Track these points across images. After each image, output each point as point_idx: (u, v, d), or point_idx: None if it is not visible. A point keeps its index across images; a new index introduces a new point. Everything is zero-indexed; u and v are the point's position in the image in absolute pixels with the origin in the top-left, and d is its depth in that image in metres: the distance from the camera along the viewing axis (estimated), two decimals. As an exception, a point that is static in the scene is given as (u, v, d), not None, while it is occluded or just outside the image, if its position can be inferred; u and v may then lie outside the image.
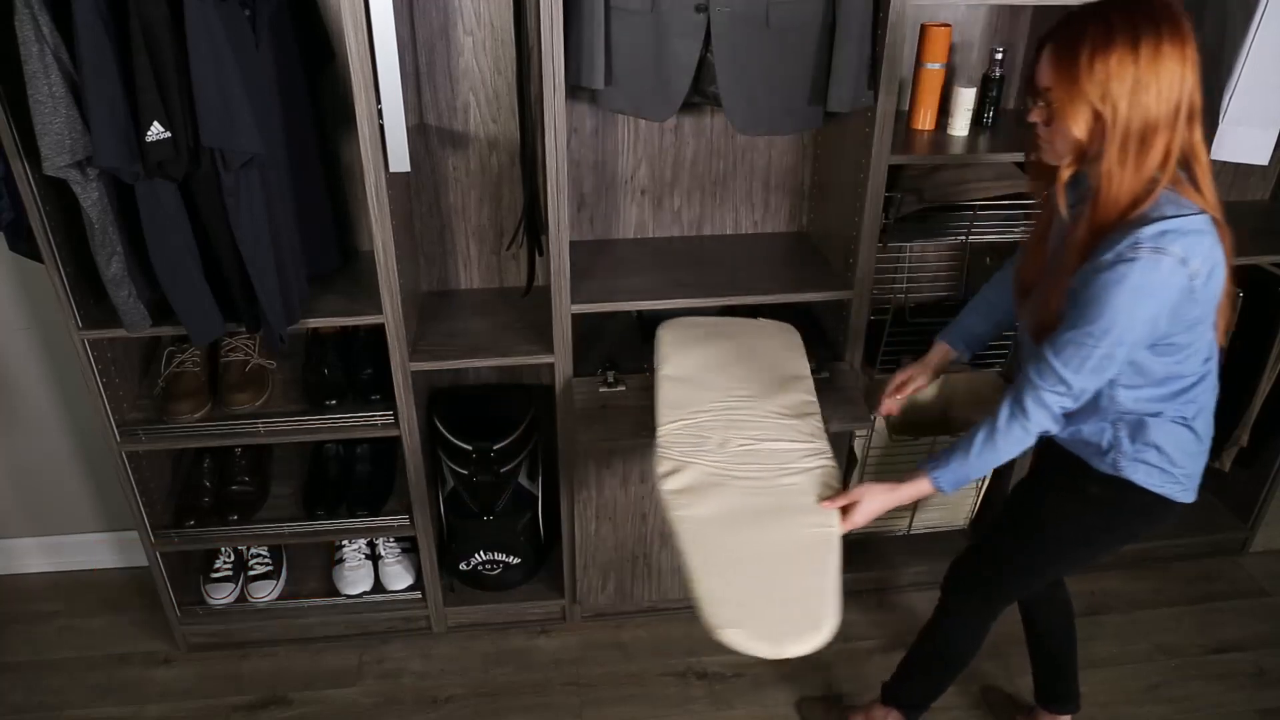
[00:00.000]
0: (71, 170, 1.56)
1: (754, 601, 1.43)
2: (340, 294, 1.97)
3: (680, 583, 2.29)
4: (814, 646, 1.37)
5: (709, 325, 2.04)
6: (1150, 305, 1.30)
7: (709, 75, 1.80)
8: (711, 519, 1.54)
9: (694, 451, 1.67)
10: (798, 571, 1.47)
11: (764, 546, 1.50)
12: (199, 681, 2.22)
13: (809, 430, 1.74)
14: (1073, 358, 1.35)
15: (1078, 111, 1.29)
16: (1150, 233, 1.27)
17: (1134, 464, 1.49)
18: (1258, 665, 2.30)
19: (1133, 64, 1.24)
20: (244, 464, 2.23)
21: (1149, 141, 1.28)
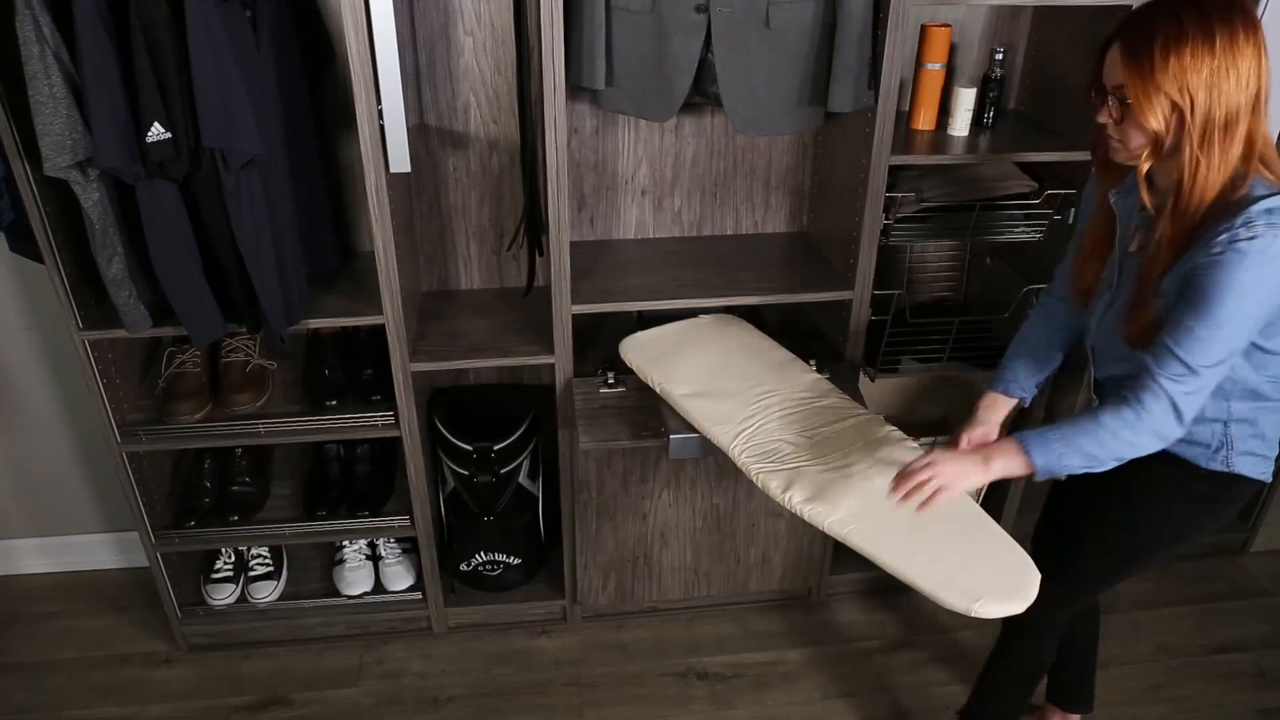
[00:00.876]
0: (72, 171, 1.56)
1: (972, 569, 1.46)
2: (341, 294, 1.97)
3: (680, 583, 2.29)
4: (1038, 585, 1.44)
5: (668, 335, 2.03)
6: (1273, 281, 1.28)
7: (709, 75, 1.80)
8: (865, 514, 1.54)
9: (784, 458, 1.67)
10: (972, 530, 1.53)
11: (928, 520, 1.49)
12: (200, 682, 2.22)
13: (845, 404, 1.79)
14: (1195, 346, 1.31)
15: (1154, 106, 1.28)
16: (1259, 210, 1.27)
17: (1243, 457, 1.48)
18: (1259, 665, 2.30)
19: (1209, 55, 1.25)
20: (244, 464, 2.23)
21: (1231, 130, 1.28)
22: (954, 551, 1.49)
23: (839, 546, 2.37)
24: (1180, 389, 1.33)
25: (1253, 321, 1.31)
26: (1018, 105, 2.22)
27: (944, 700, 2.19)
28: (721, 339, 2.01)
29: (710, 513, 2.18)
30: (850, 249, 2.01)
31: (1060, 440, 1.41)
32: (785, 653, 2.32)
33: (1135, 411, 1.36)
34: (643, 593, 2.31)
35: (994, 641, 1.88)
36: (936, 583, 1.43)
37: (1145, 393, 1.35)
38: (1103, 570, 1.69)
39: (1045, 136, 2.05)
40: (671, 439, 1.79)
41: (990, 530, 1.54)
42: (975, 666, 2.25)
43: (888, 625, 2.40)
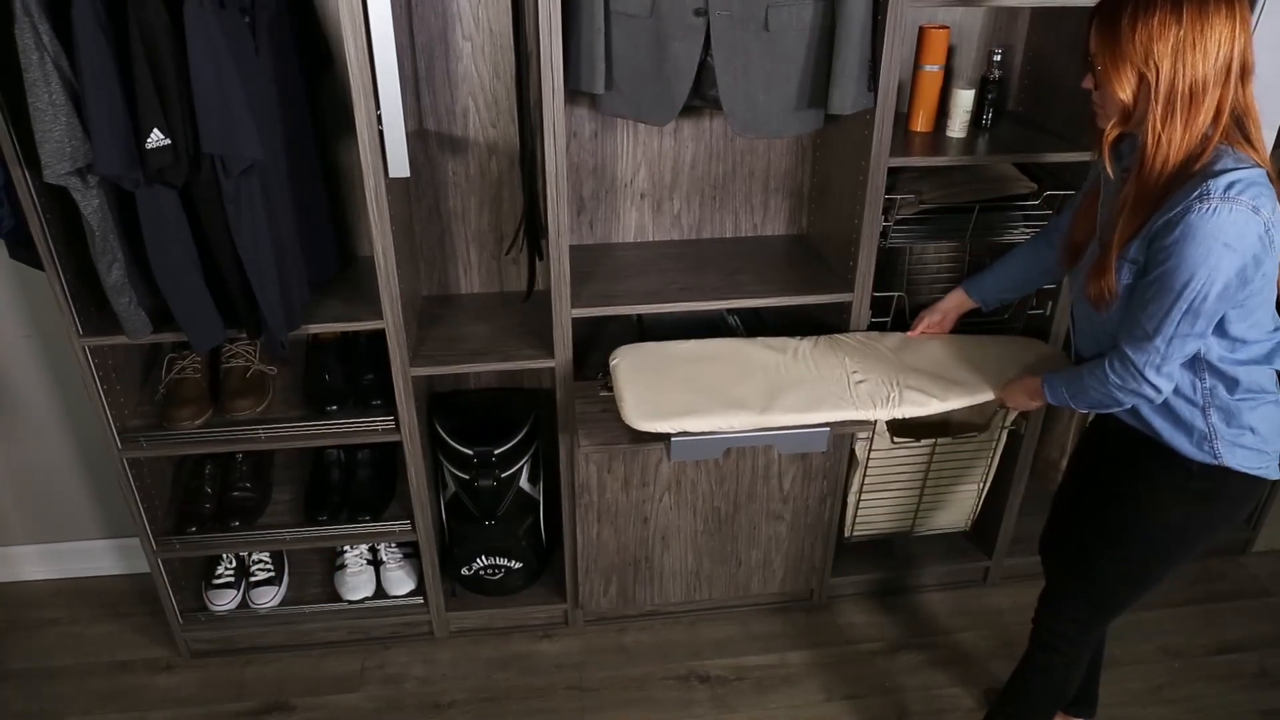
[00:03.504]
0: (72, 178, 1.56)
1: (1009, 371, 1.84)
2: (341, 299, 1.97)
3: (682, 586, 2.29)
4: None
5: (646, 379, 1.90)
6: (1230, 255, 1.29)
7: (709, 79, 1.80)
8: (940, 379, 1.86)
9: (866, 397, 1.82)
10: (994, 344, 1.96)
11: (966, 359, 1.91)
12: (201, 688, 2.22)
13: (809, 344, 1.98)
14: (1159, 315, 1.35)
15: (1121, 74, 1.31)
16: (1219, 184, 1.28)
17: (1232, 449, 1.48)
18: (1261, 666, 2.30)
19: (1176, 25, 1.26)
20: (245, 470, 2.23)
21: (1197, 101, 1.29)
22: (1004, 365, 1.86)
23: (840, 548, 2.38)
24: (1144, 359, 1.40)
25: (1215, 289, 1.31)
26: (1016, 106, 2.22)
27: (946, 702, 2.19)
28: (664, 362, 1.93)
29: (711, 516, 2.18)
30: (850, 251, 2.01)
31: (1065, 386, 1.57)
32: (787, 655, 2.31)
33: (1114, 372, 1.45)
34: (644, 596, 2.31)
35: (1021, 660, 1.84)
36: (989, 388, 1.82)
37: (1115, 359, 1.44)
38: (1121, 584, 1.67)
39: (1044, 137, 2.05)
40: (673, 442, 1.79)
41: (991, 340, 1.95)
42: (977, 668, 2.26)
43: (889, 627, 2.40)
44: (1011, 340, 2.04)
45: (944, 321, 1.98)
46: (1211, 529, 1.59)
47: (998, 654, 2.29)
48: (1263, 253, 1.31)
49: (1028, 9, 2.10)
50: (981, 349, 1.97)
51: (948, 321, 1.99)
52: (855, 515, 2.37)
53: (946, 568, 2.50)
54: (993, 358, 1.93)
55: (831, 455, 2.12)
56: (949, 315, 1.98)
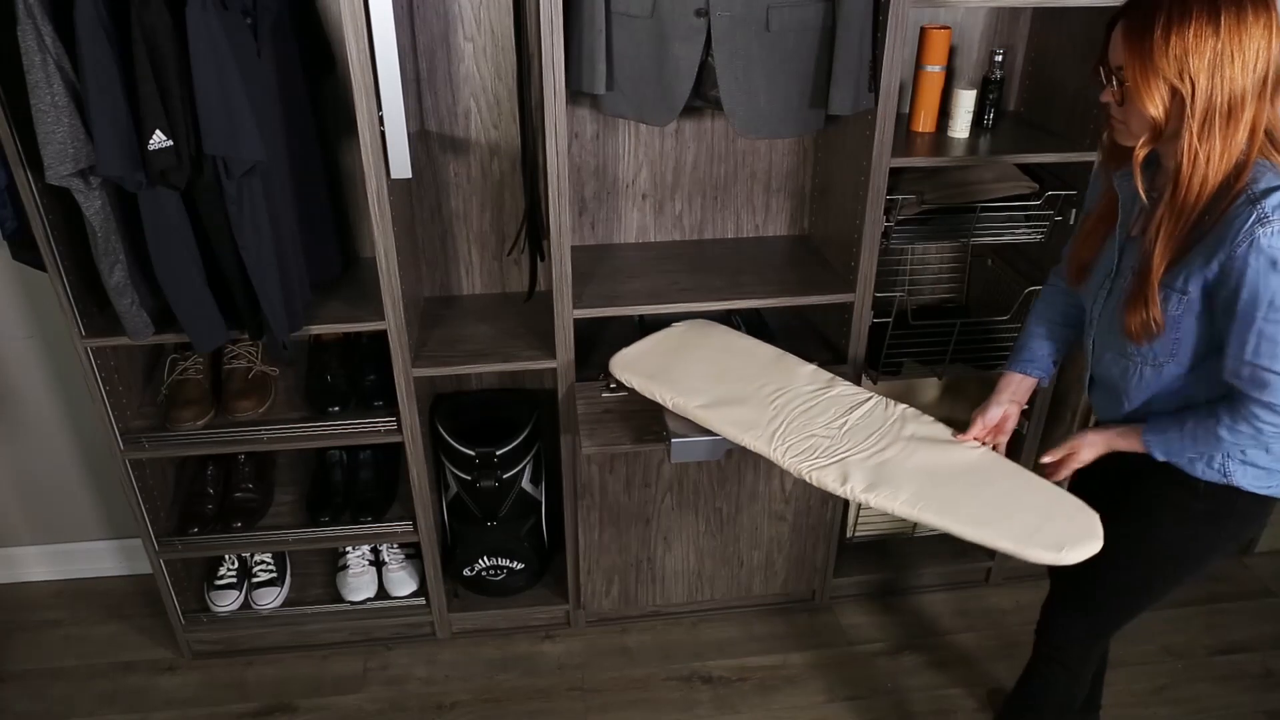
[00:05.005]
0: (74, 179, 1.57)
1: (1043, 521, 1.49)
2: (342, 300, 1.98)
3: (684, 587, 2.29)
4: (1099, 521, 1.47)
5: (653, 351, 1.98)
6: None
7: (710, 79, 1.80)
8: (927, 492, 1.56)
9: (825, 453, 1.66)
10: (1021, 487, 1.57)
11: (988, 486, 1.57)
12: (204, 689, 2.22)
13: (852, 391, 1.80)
14: (1271, 350, 1.25)
15: (1153, 89, 1.22)
16: (1273, 203, 1.21)
17: (1243, 467, 1.42)
18: (1265, 666, 2.29)
19: (1213, 36, 1.18)
20: (247, 471, 2.23)
21: (1235, 116, 1.22)
22: (1018, 509, 1.52)
23: (842, 549, 2.38)
24: (1270, 416, 1.29)
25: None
26: (1018, 107, 2.22)
27: (948, 703, 2.19)
28: (707, 345, 1.99)
29: (713, 516, 2.18)
30: (851, 251, 2.01)
31: (1180, 443, 1.42)
32: (789, 656, 2.31)
33: (1254, 428, 1.32)
34: (646, 597, 2.31)
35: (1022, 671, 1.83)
36: (1016, 541, 1.46)
37: (1258, 407, 1.30)
38: (1124, 599, 1.64)
39: (1045, 138, 2.05)
40: (673, 443, 1.79)
41: (1036, 482, 1.56)
42: (979, 669, 2.26)
43: (891, 628, 2.40)
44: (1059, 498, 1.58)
45: (1005, 424, 1.68)
46: (1216, 548, 1.55)
47: (1000, 655, 2.29)
48: None
49: (1029, 9, 2.10)
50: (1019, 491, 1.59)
51: (1010, 421, 1.69)
52: (857, 516, 2.37)
53: (948, 568, 2.50)
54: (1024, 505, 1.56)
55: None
56: (1011, 413, 1.68)
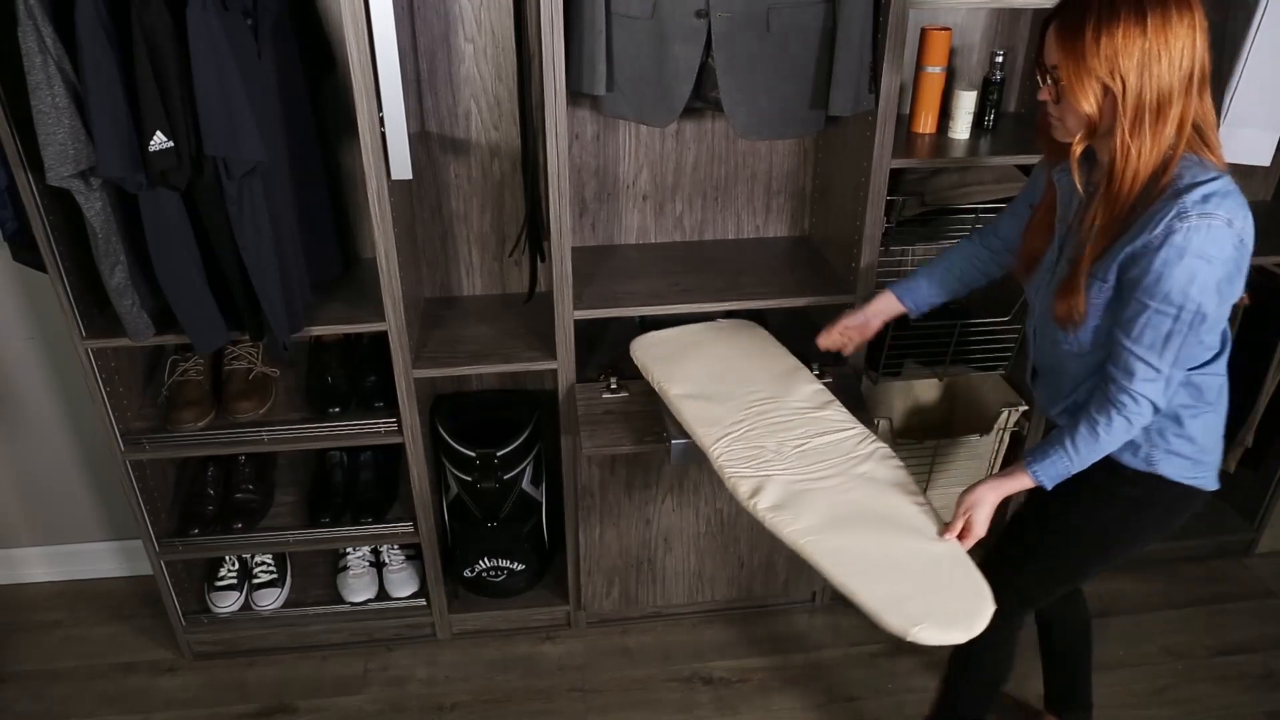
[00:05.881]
0: (75, 180, 1.57)
1: (921, 595, 1.43)
2: (343, 301, 1.98)
3: (684, 588, 2.29)
4: (989, 617, 1.41)
5: (680, 337, 2.03)
6: (1214, 271, 1.27)
7: (710, 80, 1.80)
8: (826, 528, 1.53)
9: (760, 464, 1.66)
10: (935, 555, 1.50)
11: (892, 541, 1.51)
12: (204, 690, 2.22)
13: (840, 417, 1.77)
14: (1153, 340, 1.32)
15: (1086, 87, 1.27)
16: (1194, 198, 1.26)
17: (1168, 456, 1.47)
18: (1265, 667, 2.29)
19: (1141, 36, 1.23)
20: (248, 472, 2.23)
21: (1164, 112, 1.27)
22: (909, 575, 1.46)
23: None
24: (1152, 388, 1.36)
25: (1208, 308, 1.30)
26: (1018, 108, 2.22)
27: (949, 704, 2.19)
28: (732, 343, 2.01)
29: (714, 517, 2.18)
30: (852, 253, 2.01)
31: (1070, 458, 1.44)
32: (790, 657, 2.31)
33: (1124, 418, 1.38)
34: (647, 598, 2.31)
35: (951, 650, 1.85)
36: (880, 602, 1.41)
37: (1125, 395, 1.37)
38: (1048, 575, 1.69)
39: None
40: (673, 444, 1.79)
41: (949, 552, 1.50)
42: (981, 670, 2.25)
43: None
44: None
45: (865, 327, 1.82)
46: (1145, 534, 1.59)
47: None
48: (1240, 264, 1.30)
49: (1029, 10, 2.10)
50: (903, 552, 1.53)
51: (870, 328, 1.83)
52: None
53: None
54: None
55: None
56: (872, 321, 1.82)
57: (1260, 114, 1.90)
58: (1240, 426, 2.36)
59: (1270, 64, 1.84)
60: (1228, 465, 2.42)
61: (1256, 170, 2.37)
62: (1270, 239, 2.21)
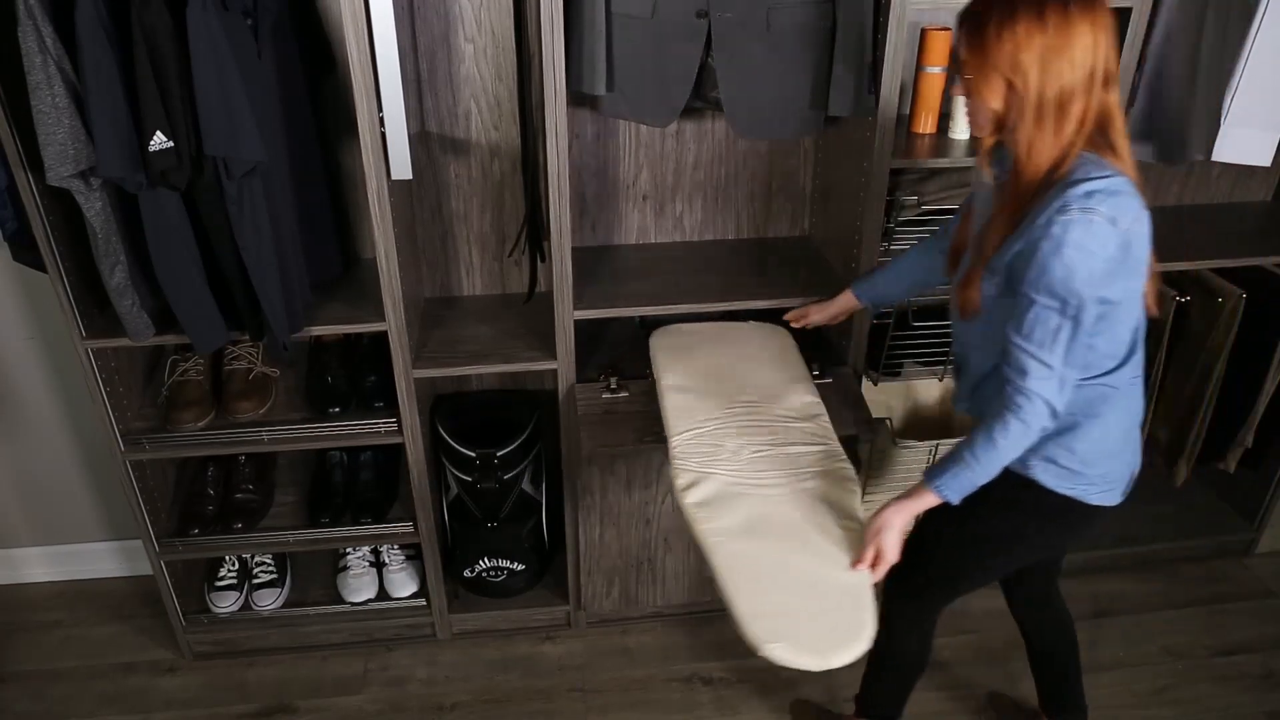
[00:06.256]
0: (75, 180, 1.57)
1: (794, 615, 1.43)
2: (343, 301, 1.98)
3: (684, 588, 2.29)
4: (856, 655, 1.39)
5: (702, 331, 2.04)
6: (1092, 264, 1.28)
7: (710, 80, 1.80)
8: (739, 532, 1.53)
9: (710, 461, 1.66)
10: (832, 580, 1.48)
11: (796, 558, 1.50)
12: (204, 690, 2.22)
13: (819, 432, 1.75)
14: (1043, 337, 1.33)
15: (990, 83, 1.30)
16: (1077, 194, 1.27)
17: (1044, 464, 1.47)
18: (1266, 667, 2.29)
19: (1041, 33, 1.25)
20: (248, 472, 2.23)
21: (1065, 108, 1.29)
22: (794, 593, 1.45)
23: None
24: (1045, 385, 1.35)
25: (1089, 298, 1.30)
26: (1018, 108, 2.21)
27: (949, 704, 2.19)
28: (748, 345, 2.00)
29: (714, 517, 2.18)
30: (852, 253, 2.01)
31: (961, 470, 1.43)
32: (790, 657, 2.31)
33: (1020, 420, 1.37)
34: (647, 598, 2.31)
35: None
36: (749, 612, 1.41)
37: (1020, 396, 1.36)
38: (941, 574, 1.70)
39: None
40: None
41: (851, 592, 1.47)
42: (978, 670, 2.26)
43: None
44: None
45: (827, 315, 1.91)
46: (1024, 539, 1.59)
47: (999, 657, 2.29)
48: (1125, 264, 1.30)
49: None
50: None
51: (827, 315, 1.91)
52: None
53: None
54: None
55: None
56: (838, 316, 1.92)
57: (1260, 114, 1.90)
58: (1240, 426, 2.36)
59: (1270, 64, 1.84)
60: (1228, 465, 2.42)
61: (1257, 170, 2.37)
62: (1270, 239, 2.22)
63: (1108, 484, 1.50)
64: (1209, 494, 2.70)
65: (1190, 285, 2.25)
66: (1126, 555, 2.54)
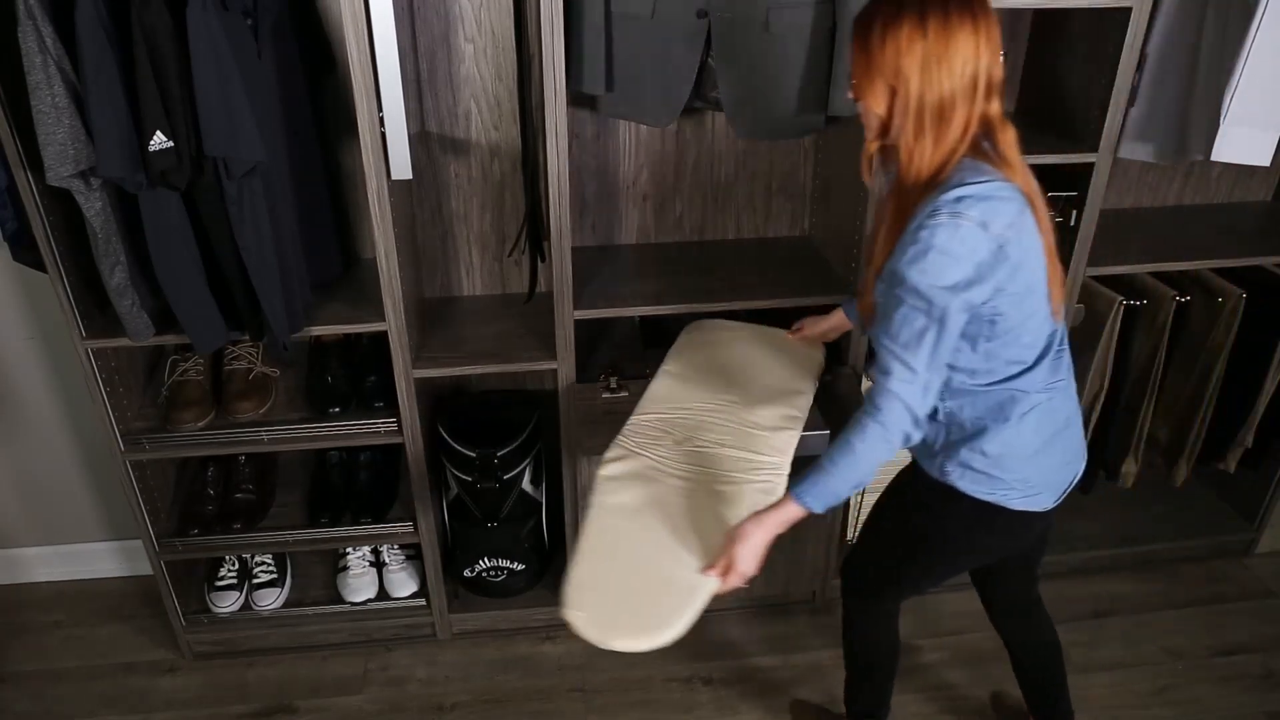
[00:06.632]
0: (75, 180, 1.57)
1: (611, 593, 1.48)
2: (343, 301, 1.98)
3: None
4: (641, 647, 1.42)
5: (735, 331, 2.03)
6: (959, 269, 1.28)
7: (710, 80, 1.80)
8: (624, 510, 1.58)
9: (648, 444, 1.70)
10: (671, 576, 1.48)
11: (654, 548, 1.52)
12: (205, 690, 2.22)
13: (773, 446, 1.71)
14: (909, 338, 1.32)
15: (875, 88, 1.31)
16: (948, 198, 1.28)
17: (960, 469, 1.46)
18: (1266, 667, 2.29)
19: (921, 40, 1.25)
20: (248, 472, 2.23)
21: (946, 116, 1.29)
22: (629, 576, 1.49)
23: (842, 551, 2.38)
24: (907, 389, 1.34)
25: (954, 306, 1.30)
26: (1019, 108, 2.22)
27: (950, 704, 2.19)
28: (767, 352, 1.97)
29: (714, 517, 2.18)
30: (852, 253, 2.01)
31: (832, 480, 1.41)
32: (790, 657, 2.31)
33: (880, 424, 1.36)
34: (647, 598, 2.31)
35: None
36: (577, 578, 1.48)
37: (880, 398, 1.36)
38: (886, 575, 1.72)
39: (1045, 138, 2.04)
40: None
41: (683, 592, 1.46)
42: (980, 669, 2.26)
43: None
44: None
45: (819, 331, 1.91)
46: (956, 545, 1.59)
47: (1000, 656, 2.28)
48: (997, 269, 1.30)
49: (1030, 10, 2.10)
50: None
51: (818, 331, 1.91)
52: (858, 517, 2.37)
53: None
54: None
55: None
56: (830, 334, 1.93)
57: (1260, 114, 1.90)
58: (1240, 426, 2.36)
59: (1270, 63, 1.84)
60: (1228, 465, 2.42)
61: (1256, 170, 2.37)
62: (1270, 239, 2.22)
63: (1029, 488, 1.48)
64: (1209, 494, 2.70)
65: (1190, 285, 2.25)
66: (1126, 555, 2.54)
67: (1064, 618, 1.97)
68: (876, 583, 1.76)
